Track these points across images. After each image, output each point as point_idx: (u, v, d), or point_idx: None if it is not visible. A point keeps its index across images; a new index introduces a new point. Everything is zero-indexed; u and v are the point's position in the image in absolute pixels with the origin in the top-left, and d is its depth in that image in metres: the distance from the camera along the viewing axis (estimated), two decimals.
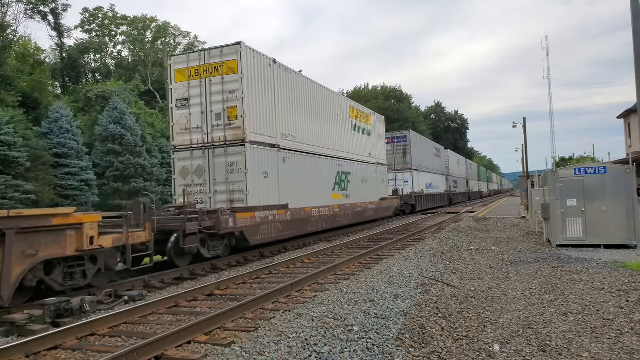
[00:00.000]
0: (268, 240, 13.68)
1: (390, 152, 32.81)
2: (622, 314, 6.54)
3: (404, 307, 6.96)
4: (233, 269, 11.98)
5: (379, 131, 26.47)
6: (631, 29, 11.44)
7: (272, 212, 13.86)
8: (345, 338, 5.55)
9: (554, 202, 13.19)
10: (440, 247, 13.70)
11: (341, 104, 21.22)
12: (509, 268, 10.35)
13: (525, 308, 7.00)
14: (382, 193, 25.83)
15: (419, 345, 5.46)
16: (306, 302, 7.44)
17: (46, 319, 6.72)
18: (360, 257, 12.04)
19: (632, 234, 12.46)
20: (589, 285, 8.42)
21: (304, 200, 16.12)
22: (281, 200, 14.69)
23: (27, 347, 5.54)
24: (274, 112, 14.84)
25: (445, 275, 9.63)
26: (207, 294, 8.66)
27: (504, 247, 13.88)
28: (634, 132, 37.41)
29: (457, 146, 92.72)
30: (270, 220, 13.70)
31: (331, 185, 19.05)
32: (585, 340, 5.55)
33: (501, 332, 5.89)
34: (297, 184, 15.95)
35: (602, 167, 13.08)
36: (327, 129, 19.07)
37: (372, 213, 23.43)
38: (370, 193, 23.56)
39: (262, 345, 5.30)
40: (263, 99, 14.18)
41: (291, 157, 15.64)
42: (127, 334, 6.28)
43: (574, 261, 10.91)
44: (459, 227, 19.72)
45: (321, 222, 17.37)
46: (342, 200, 19.79)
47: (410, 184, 33.31)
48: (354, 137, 22.28)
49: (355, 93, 74.21)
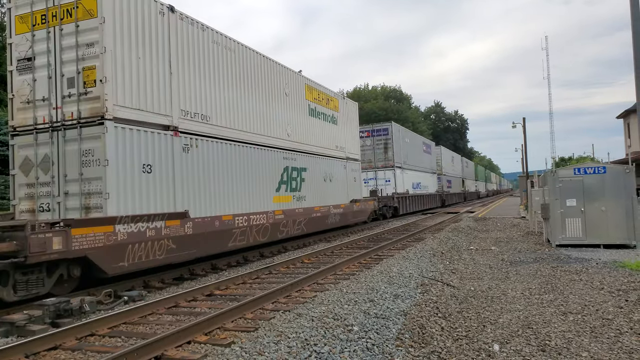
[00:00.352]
0: (148, 265, 9.48)
1: (370, 147, 29.86)
2: (622, 313, 6.55)
3: (404, 307, 6.96)
4: (233, 269, 11.99)
5: (349, 119, 22.56)
6: (630, 29, 11.45)
7: (155, 225, 9.57)
8: (345, 338, 5.55)
9: (554, 202, 13.20)
10: (440, 247, 13.71)
11: (293, 81, 16.86)
12: (509, 268, 10.36)
13: (524, 308, 7.01)
14: (354, 194, 22.06)
15: (418, 345, 5.47)
16: (306, 302, 7.44)
17: (45, 320, 6.72)
18: (360, 257, 12.04)
19: (632, 234, 12.47)
20: (589, 285, 8.43)
21: (221, 206, 12.00)
22: (178, 206, 10.53)
23: (26, 347, 5.54)
24: (168, 80, 10.64)
25: (445, 275, 9.64)
26: (207, 294, 8.66)
27: (504, 247, 13.89)
28: (634, 132, 37.44)
29: (456, 146, 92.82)
30: (151, 237, 9.44)
31: (274, 184, 14.89)
32: (585, 339, 5.56)
33: (501, 332, 5.90)
34: (210, 183, 11.73)
35: (602, 167, 13.10)
36: (269, 111, 14.79)
37: (338, 219, 19.51)
38: (336, 194, 19.70)
39: (262, 345, 5.30)
40: (147, 59, 10.09)
41: (201, 145, 11.52)
42: (126, 334, 6.28)
43: (574, 261, 10.92)
44: (459, 227, 19.73)
45: (253, 234, 13.07)
46: (291, 203, 15.82)
47: (392, 184, 29.49)
48: (313, 124, 18.25)
49: (355, 93, 74.20)
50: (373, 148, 30.21)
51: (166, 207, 10.30)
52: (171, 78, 10.82)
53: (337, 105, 21.19)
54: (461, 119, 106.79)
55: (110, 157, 9.05)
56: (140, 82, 9.95)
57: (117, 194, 9.14)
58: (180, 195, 10.76)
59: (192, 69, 11.51)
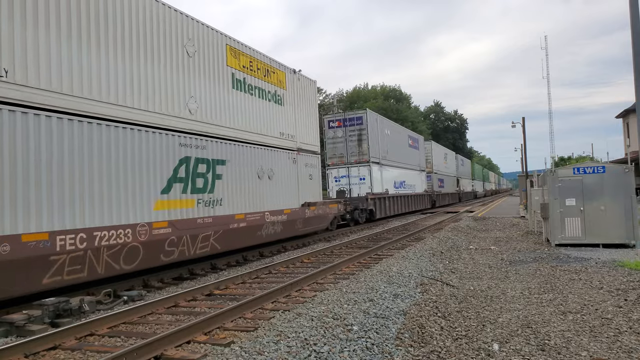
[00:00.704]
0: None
1: (342, 139, 25.53)
2: (621, 312, 6.56)
3: (404, 307, 6.97)
4: (232, 268, 11.99)
5: (304, 100, 17.36)
6: (630, 29, 11.45)
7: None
8: (344, 337, 5.55)
9: (553, 201, 13.21)
10: (439, 247, 13.71)
11: (203, 37, 11.96)
12: (508, 267, 10.37)
13: (524, 307, 7.01)
14: (309, 195, 17.09)
15: (418, 345, 5.47)
16: (305, 302, 7.45)
17: (45, 319, 6.72)
18: (359, 257, 12.04)
19: (631, 233, 12.48)
20: (588, 284, 8.43)
21: (23, 219, 7.37)
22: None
23: (26, 347, 5.54)
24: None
25: (444, 275, 9.64)
26: (207, 293, 8.66)
27: (503, 246, 13.90)
28: (633, 132, 37.48)
29: (456, 146, 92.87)
30: None
31: (159, 183, 10.12)
32: (584, 339, 5.56)
33: (500, 332, 5.90)
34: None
35: (601, 166, 13.11)
36: (151, 76, 10.14)
37: (280, 229, 14.60)
38: (279, 196, 14.92)
39: (261, 345, 5.30)
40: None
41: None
42: (126, 334, 6.28)
43: (573, 260, 10.93)
44: (458, 227, 19.74)
45: (101, 261, 8.47)
46: (193, 210, 11.01)
47: (367, 183, 25.14)
48: (242, 101, 13.40)
49: (355, 93, 74.20)
50: (345, 140, 25.59)
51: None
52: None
53: (284, 81, 15.95)
54: (460, 118, 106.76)
55: None
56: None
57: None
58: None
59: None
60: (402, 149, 32.01)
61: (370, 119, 25.93)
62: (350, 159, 25.61)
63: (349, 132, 25.61)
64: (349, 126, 25.60)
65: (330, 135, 26.11)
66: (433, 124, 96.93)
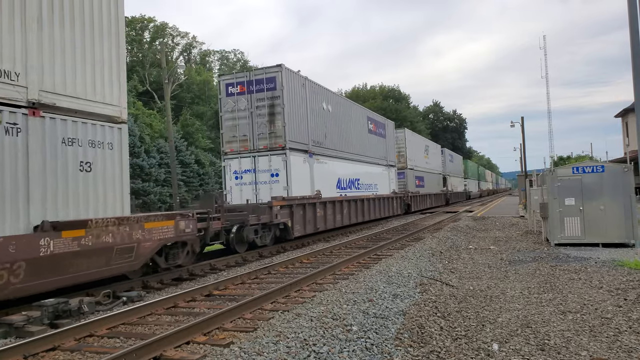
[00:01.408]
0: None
1: (245, 113, 16.50)
2: (620, 312, 6.55)
3: (403, 307, 6.96)
4: (232, 269, 11.98)
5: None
6: (628, 28, 11.45)
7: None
8: (344, 338, 5.55)
9: (552, 201, 13.21)
10: (438, 247, 13.71)
11: None
12: (508, 267, 10.36)
13: (523, 307, 7.01)
14: (79, 207, 8.39)
15: (417, 345, 5.46)
16: (305, 302, 7.44)
17: (44, 320, 6.70)
18: (358, 257, 12.04)
19: (630, 233, 12.49)
20: (587, 283, 8.43)
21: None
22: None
23: (25, 348, 5.53)
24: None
25: (444, 275, 9.64)
26: (206, 294, 8.65)
27: (503, 246, 13.89)
28: (632, 131, 37.51)
29: (455, 145, 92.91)
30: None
31: None
32: (584, 338, 5.56)
33: (500, 331, 5.90)
34: None
35: (600, 166, 13.11)
36: None
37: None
38: None
39: (260, 346, 5.30)
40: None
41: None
42: (125, 335, 6.27)
43: (572, 260, 10.93)
44: (458, 227, 19.74)
45: None
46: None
47: (283, 181, 16.08)
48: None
49: (354, 93, 74.28)
50: (251, 115, 16.51)
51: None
52: None
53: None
54: (459, 118, 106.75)
55: None
56: None
57: None
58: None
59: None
60: (357, 134, 23.60)
61: (290, 82, 16.76)
62: (258, 143, 16.52)
63: (258, 102, 16.58)
64: (257, 92, 16.54)
65: (228, 107, 16.90)
66: (432, 124, 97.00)
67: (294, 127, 16.93)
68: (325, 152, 19.43)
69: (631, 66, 10.92)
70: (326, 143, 19.71)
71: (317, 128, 18.90)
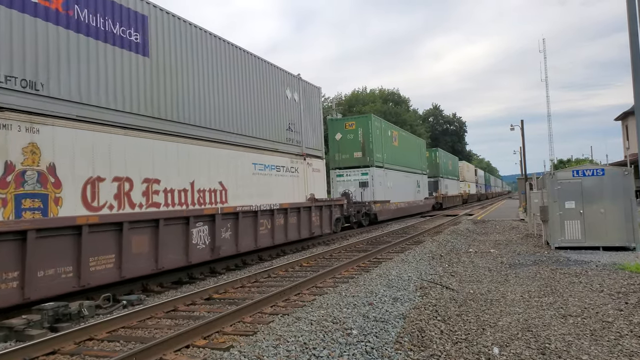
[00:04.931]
0: None
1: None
2: (621, 316, 6.54)
3: (403, 310, 6.95)
4: (231, 272, 11.96)
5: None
6: (627, 30, 11.47)
7: None
8: (344, 341, 5.54)
9: (552, 204, 13.21)
10: (438, 250, 13.70)
11: None
12: (508, 270, 10.35)
13: (524, 311, 7.00)
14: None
15: (418, 349, 5.45)
16: (305, 306, 7.43)
17: (44, 324, 6.69)
18: (358, 261, 12.03)
19: (631, 236, 12.47)
20: (588, 287, 8.42)
21: None
22: None
23: (25, 352, 5.52)
24: None
25: (444, 278, 9.62)
26: (206, 297, 8.64)
27: (503, 249, 13.88)
28: (632, 135, 37.53)
29: (455, 149, 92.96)
30: None
31: None
32: (585, 342, 5.55)
33: (500, 335, 5.89)
34: None
35: (600, 169, 13.11)
36: None
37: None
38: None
39: (260, 349, 5.29)
40: None
41: None
42: (125, 339, 6.26)
43: (573, 263, 10.91)
44: (458, 230, 19.72)
45: None
46: None
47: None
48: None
49: (354, 96, 74.33)
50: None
51: None
52: None
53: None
54: (459, 121, 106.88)
55: None
56: None
57: None
58: None
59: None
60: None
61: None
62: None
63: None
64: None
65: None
66: (432, 127, 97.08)
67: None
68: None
69: (631, 69, 10.94)
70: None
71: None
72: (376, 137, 26.11)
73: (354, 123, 26.07)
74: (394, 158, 29.00)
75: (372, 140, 25.54)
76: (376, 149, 25.89)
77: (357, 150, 25.72)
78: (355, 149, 25.75)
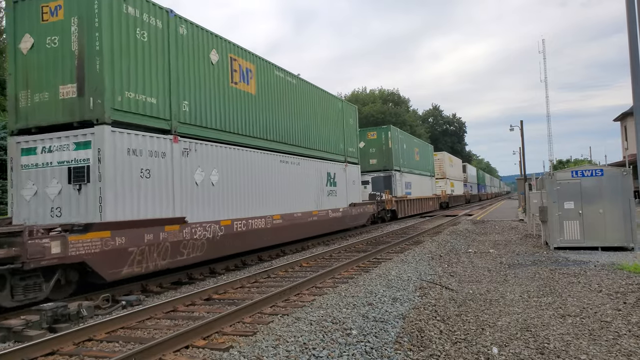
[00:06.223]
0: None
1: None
2: (620, 316, 6.55)
3: (403, 311, 6.96)
4: (231, 273, 11.96)
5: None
6: (627, 32, 11.49)
7: None
8: (343, 342, 5.54)
9: (551, 204, 13.22)
10: (438, 250, 13.71)
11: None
12: (507, 271, 10.36)
13: (523, 311, 7.01)
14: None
15: (417, 349, 5.46)
16: (304, 306, 7.43)
17: (43, 325, 6.69)
18: (358, 261, 12.03)
19: (629, 236, 12.49)
20: (587, 287, 8.43)
21: None
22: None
23: (23, 352, 5.52)
24: None
25: (443, 278, 9.63)
26: (205, 298, 8.64)
27: (502, 249, 13.89)
28: (631, 135, 37.58)
29: (455, 149, 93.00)
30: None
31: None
32: (583, 342, 5.56)
33: (499, 335, 5.90)
34: None
35: (599, 169, 13.13)
36: None
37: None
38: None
39: (260, 350, 5.29)
40: None
41: None
42: (124, 339, 6.26)
43: (572, 263, 10.93)
44: (457, 230, 19.74)
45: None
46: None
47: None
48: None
49: (354, 96, 74.42)
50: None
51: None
52: None
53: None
54: (459, 122, 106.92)
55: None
56: None
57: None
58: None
59: None
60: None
61: None
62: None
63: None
64: None
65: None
66: (431, 128, 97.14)
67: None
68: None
69: (630, 70, 10.96)
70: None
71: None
72: None
73: None
74: None
75: None
76: None
77: None
78: None
